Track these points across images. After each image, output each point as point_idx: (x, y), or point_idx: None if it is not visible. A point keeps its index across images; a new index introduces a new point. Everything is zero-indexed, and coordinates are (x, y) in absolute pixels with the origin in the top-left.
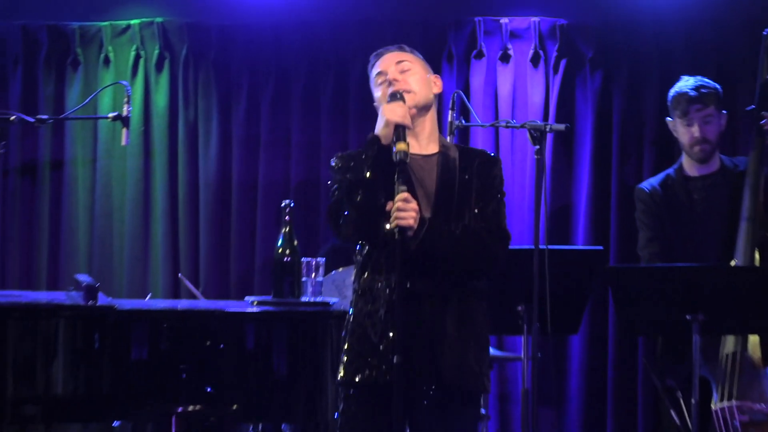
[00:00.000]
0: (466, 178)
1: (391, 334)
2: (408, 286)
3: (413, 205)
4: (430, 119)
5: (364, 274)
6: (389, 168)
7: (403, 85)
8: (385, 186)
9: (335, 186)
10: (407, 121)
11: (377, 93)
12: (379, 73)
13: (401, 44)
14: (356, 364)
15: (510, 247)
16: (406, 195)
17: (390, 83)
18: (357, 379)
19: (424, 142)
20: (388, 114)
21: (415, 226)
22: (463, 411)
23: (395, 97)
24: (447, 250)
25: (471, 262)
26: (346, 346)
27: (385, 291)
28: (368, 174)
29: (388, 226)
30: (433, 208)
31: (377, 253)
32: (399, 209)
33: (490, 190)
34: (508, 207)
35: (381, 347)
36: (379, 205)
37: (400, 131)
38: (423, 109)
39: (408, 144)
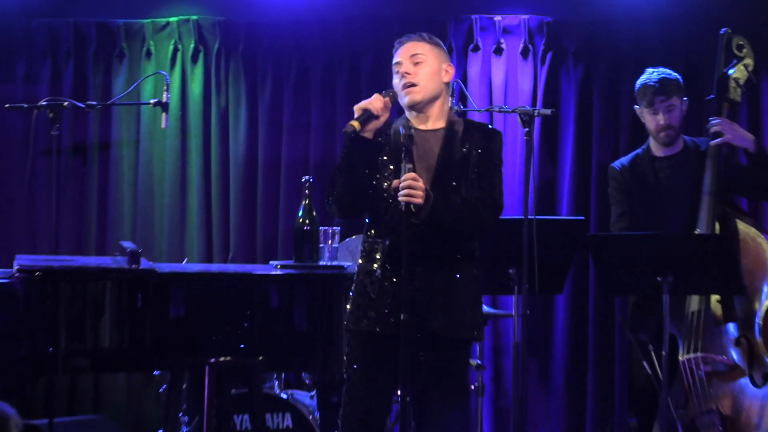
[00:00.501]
0: (466, 149)
1: (386, 291)
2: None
3: (420, 183)
4: (439, 104)
5: (368, 237)
6: (366, 153)
7: (413, 78)
8: (365, 166)
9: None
10: (378, 111)
11: (395, 80)
12: (397, 63)
13: (423, 33)
14: (357, 314)
15: (502, 217)
16: (413, 174)
17: (403, 75)
18: (358, 328)
19: (431, 121)
20: (362, 102)
21: (423, 203)
22: (455, 359)
23: (386, 93)
24: (446, 220)
25: (464, 229)
26: (351, 299)
27: (384, 252)
28: (344, 160)
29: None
30: (433, 179)
31: (378, 220)
32: (409, 187)
33: (488, 161)
34: (506, 185)
35: (378, 302)
36: (361, 185)
37: (367, 115)
38: (431, 98)
39: (359, 123)
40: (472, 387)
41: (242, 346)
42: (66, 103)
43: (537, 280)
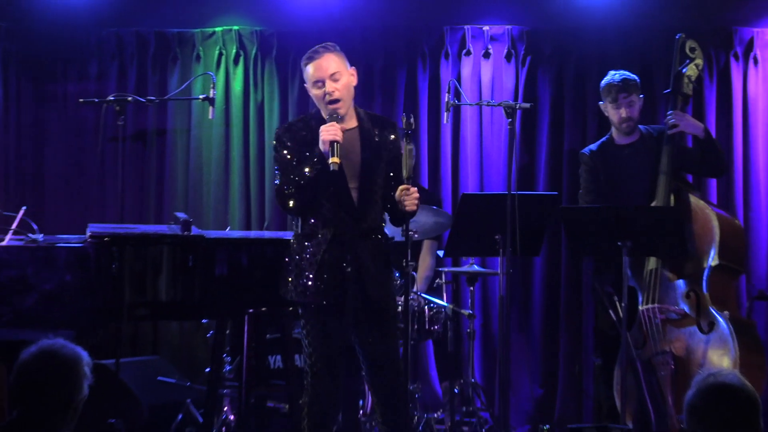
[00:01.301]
0: (377, 140)
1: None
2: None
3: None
4: (350, 103)
5: (308, 223)
6: (326, 169)
7: (337, 94)
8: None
9: (277, 167)
10: (339, 138)
11: (314, 92)
12: (318, 82)
13: (328, 44)
14: (300, 289)
15: (489, 192)
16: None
17: (326, 94)
18: (304, 299)
19: (347, 121)
20: (324, 135)
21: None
22: (390, 323)
23: (333, 117)
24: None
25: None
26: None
27: (325, 237)
28: (310, 174)
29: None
30: (359, 177)
31: (318, 212)
32: (415, 198)
33: (396, 155)
34: (490, 166)
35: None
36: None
37: (334, 146)
38: (349, 105)
39: (339, 158)
40: (466, 332)
41: (275, 298)
42: (130, 98)
43: (518, 244)
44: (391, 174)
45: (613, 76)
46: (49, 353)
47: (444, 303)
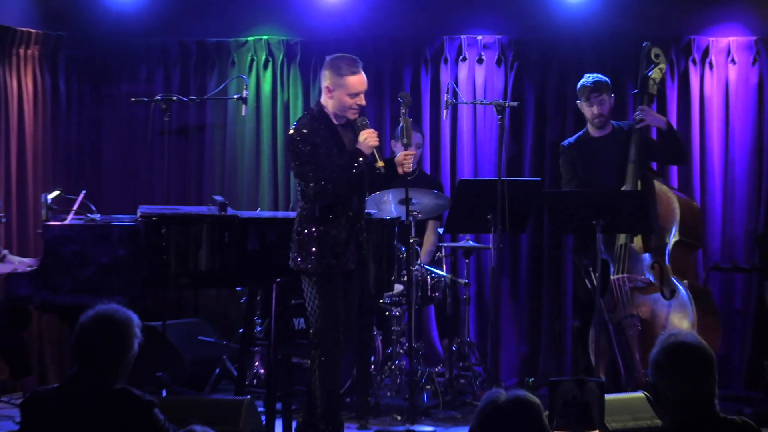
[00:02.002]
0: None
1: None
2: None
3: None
4: None
5: (333, 207)
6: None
7: (362, 105)
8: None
9: (305, 163)
10: (378, 143)
11: (347, 98)
12: (359, 93)
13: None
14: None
15: (483, 178)
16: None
17: (358, 105)
18: (329, 271)
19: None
20: (370, 141)
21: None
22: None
23: (365, 125)
24: None
25: None
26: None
27: (347, 218)
28: (353, 176)
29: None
30: None
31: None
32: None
33: None
34: (483, 155)
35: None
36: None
37: (376, 151)
38: None
39: (383, 161)
40: (463, 298)
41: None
42: (174, 98)
43: (507, 222)
44: None
45: (587, 78)
46: (105, 317)
47: (443, 273)
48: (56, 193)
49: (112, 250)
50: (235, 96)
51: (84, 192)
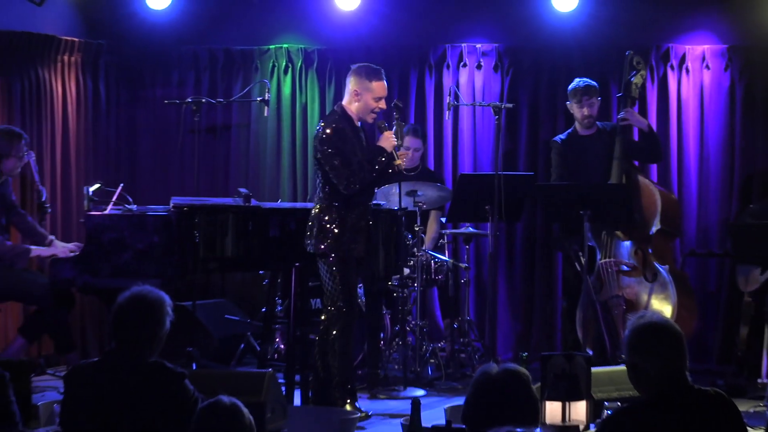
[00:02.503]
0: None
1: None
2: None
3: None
4: None
5: (353, 198)
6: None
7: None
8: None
9: (337, 161)
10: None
11: (372, 102)
12: (381, 98)
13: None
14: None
15: (482, 172)
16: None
17: (380, 109)
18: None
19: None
20: (391, 142)
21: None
22: None
23: (384, 126)
24: None
25: None
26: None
27: (366, 209)
28: (375, 172)
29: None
30: None
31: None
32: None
33: None
34: (482, 152)
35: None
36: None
37: (394, 151)
38: None
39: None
40: (463, 281)
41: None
42: (203, 100)
43: (503, 212)
44: None
45: (578, 82)
46: (140, 297)
47: (446, 258)
48: (97, 186)
49: (147, 237)
50: (258, 98)
51: (122, 185)
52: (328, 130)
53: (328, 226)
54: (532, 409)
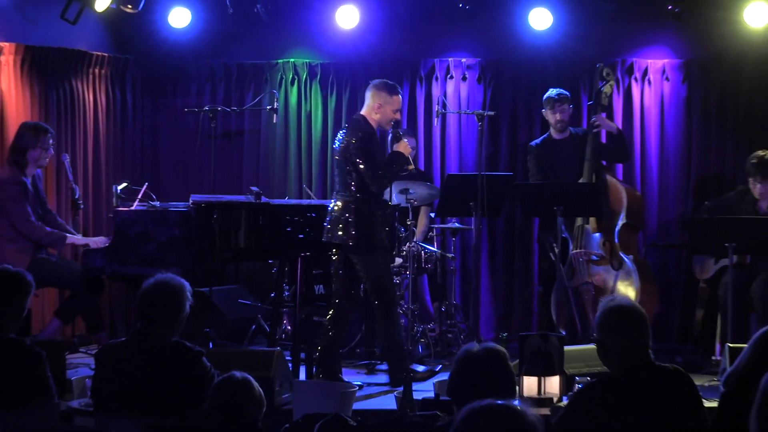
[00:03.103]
0: None
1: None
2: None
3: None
4: None
5: (376, 193)
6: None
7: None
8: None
9: (366, 160)
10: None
11: (391, 113)
12: (399, 109)
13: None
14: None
15: (466, 173)
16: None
17: (397, 118)
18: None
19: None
20: (409, 149)
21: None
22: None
23: (399, 135)
24: None
25: None
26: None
27: (388, 204)
28: (398, 171)
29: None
30: None
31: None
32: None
33: None
34: (467, 154)
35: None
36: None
37: (409, 156)
38: None
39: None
40: (450, 269)
41: (321, 245)
42: (219, 108)
43: (486, 208)
44: None
45: (552, 92)
46: (163, 284)
47: (435, 249)
48: (124, 184)
49: (169, 230)
50: (268, 107)
51: (146, 184)
52: (360, 134)
53: (357, 219)
54: (509, 382)
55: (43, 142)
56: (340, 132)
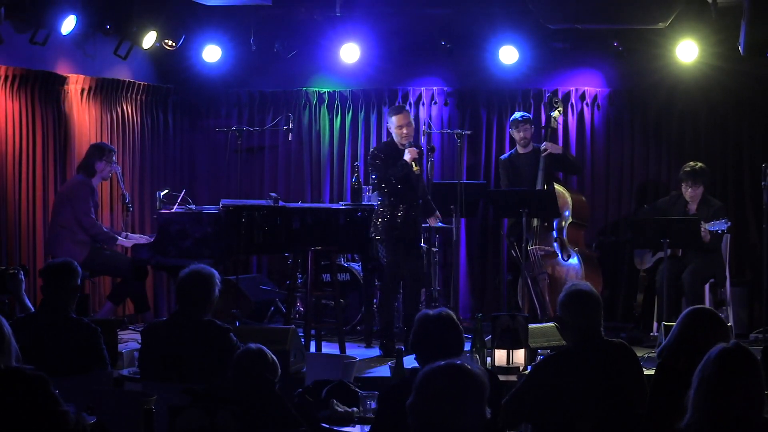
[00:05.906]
0: None
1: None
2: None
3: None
4: None
5: (391, 198)
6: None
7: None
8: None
9: (377, 167)
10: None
11: (397, 129)
12: (407, 124)
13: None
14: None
15: (449, 182)
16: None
17: (408, 133)
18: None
19: None
20: (413, 154)
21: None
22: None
23: (411, 144)
24: None
25: None
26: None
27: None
28: (400, 175)
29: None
30: None
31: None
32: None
33: None
34: (449, 167)
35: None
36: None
37: (415, 160)
38: None
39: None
40: (435, 260)
41: (329, 242)
42: (244, 128)
43: (464, 210)
44: None
45: (517, 114)
46: (196, 272)
47: (422, 244)
48: (165, 191)
49: (203, 229)
50: (284, 127)
51: (184, 190)
52: (375, 150)
53: (379, 218)
54: (458, 338)
55: (108, 157)
56: None
